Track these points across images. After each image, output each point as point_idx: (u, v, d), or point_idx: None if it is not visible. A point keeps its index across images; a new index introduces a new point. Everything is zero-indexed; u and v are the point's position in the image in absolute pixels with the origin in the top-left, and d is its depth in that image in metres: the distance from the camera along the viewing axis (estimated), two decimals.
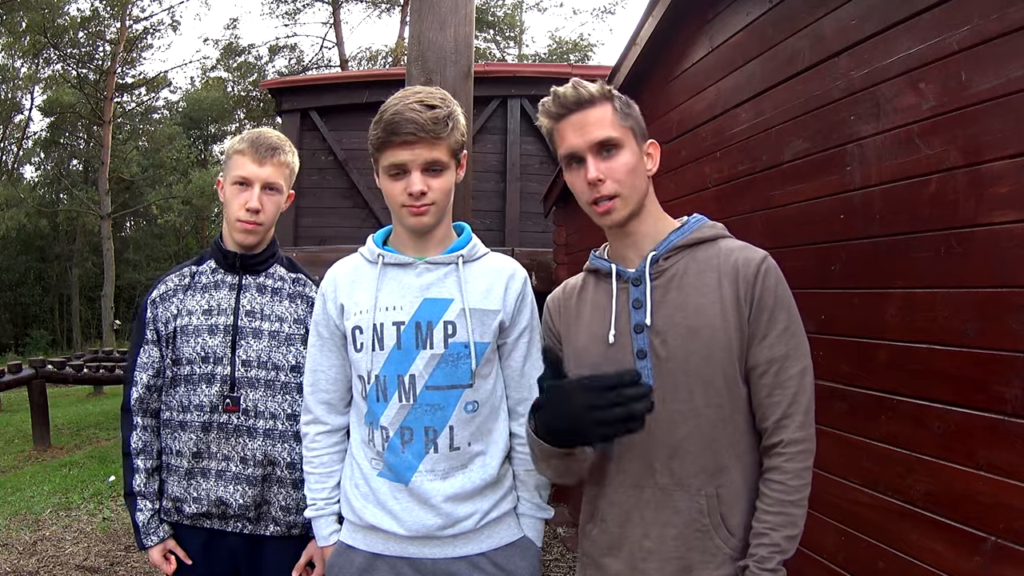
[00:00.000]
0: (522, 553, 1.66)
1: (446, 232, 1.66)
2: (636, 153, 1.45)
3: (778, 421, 1.37)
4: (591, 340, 1.51)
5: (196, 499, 1.87)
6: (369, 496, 1.62)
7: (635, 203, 1.45)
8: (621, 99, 1.47)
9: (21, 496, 6.01)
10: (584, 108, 1.43)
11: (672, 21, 3.32)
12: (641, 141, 1.48)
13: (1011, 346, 1.55)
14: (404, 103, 1.52)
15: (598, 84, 1.45)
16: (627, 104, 1.47)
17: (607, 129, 1.42)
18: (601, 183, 1.42)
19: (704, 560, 1.39)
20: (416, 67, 3.62)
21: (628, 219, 1.46)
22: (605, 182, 1.42)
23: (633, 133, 1.46)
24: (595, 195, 1.43)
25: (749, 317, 1.39)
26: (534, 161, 7.62)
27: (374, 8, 26.57)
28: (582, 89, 1.43)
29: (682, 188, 3.28)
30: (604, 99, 1.44)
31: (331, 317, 1.66)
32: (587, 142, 1.42)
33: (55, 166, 29.22)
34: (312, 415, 1.72)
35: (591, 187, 1.43)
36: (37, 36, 22.64)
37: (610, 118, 1.43)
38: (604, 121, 1.43)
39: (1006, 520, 1.55)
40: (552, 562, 4.41)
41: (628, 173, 1.43)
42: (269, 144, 1.89)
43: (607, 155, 1.43)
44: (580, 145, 1.43)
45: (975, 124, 1.66)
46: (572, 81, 1.45)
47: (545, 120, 1.49)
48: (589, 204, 1.47)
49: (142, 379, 1.92)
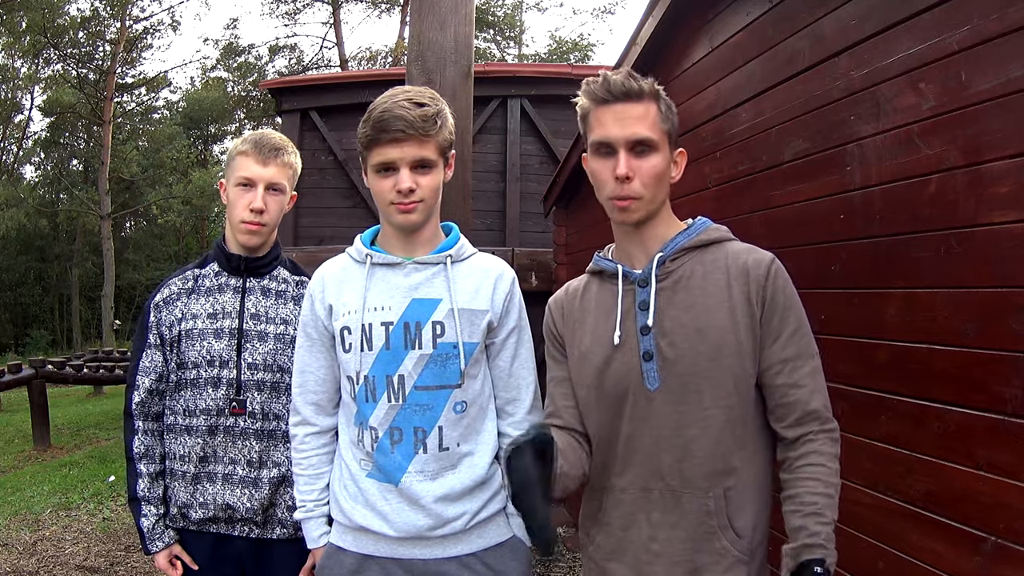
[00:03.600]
0: (512, 553, 1.65)
1: (434, 232, 1.66)
2: (667, 159, 1.44)
3: (806, 413, 1.37)
4: (596, 342, 1.49)
5: (203, 504, 1.86)
6: (358, 497, 1.61)
7: (653, 208, 1.44)
8: (667, 101, 1.45)
9: (21, 496, 6.01)
10: (631, 100, 1.40)
11: (672, 21, 3.32)
12: (674, 147, 1.47)
13: (1011, 346, 1.55)
14: (393, 101, 1.52)
15: (649, 81, 1.43)
16: (670, 108, 1.45)
17: (647, 129, 1.40)
18: (629, 181, 1.39)
19: (712, 562, 1.38)
20: (416, 67, 3.62)
21: (643, 222, 1.45)
22: (633, 181, 1.40)
23: (669, 138, 1.44)
24: (619, 192, 1.41)
25: (761, 319, 1.39)
26: (534, 161, 7.61)
27: (374, 8, 26.57)
28: (633, 82, 1.40)
29: (682, 188, 3.26)
30: (652, 98, 1.42)
31: (319, 317, 1.66)
32: (625, 136, 1.39)
33: (55, 166, 29.23)
34: (300, 416, 1.71)
35: (617, 182, 1.40)
36: (37, 36, 22.64)
37: (653, 118, 1.41)
38: (647, 120, 1.40)
39: (1006, 520, 1.55)
40: (552, 562, 4.41)
41: (655, 178, 1.41)
42: (272, 145, 1.89)
43: (640, 154, 1.40)
44: (617, 136, 1.40)
45: (975, 124, 1.66)
46: (625, 71, 1.42)
47: (586, 101, 1.45)
48: (609, 199, 1.44)
49: (144, 383, 1.91)
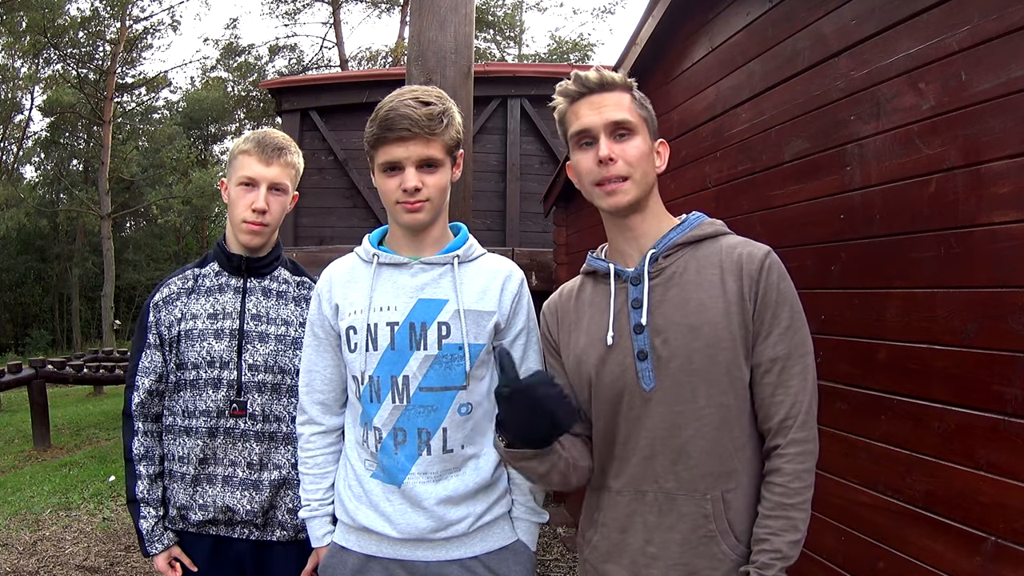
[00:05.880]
0: (515, 557, 1.64)
1: (442, 232, 1.65)
2: (648, 144, 1.45)
3: (780, 422, 1.34)
4: (590, 343, 1.47)
5: (202, 506, 1.85)
6: (362, 497, 1.61)
7: (643, 189, 1.43)
8: (640, 93, 1.48)
9: (21, 496, 6.00)
10: (605, 90, 1.43)
11: (672, 21, 3.32)
12: (653, 137, 1.48)
13: (1011, 346, 1.55)
14: (399, 100, 1.52)
15: (620, 73, 1.46)
16: (644, 99, 1.48)
17: (624, 112, 1.41)
18: (612, 162, 1.39)
19: (710, 567, 1.35)
20: (416, 67, 3.62)
21: (633, 206, 1.43)
22: (617, 162, 1.40)
23: (647, 124, 1.46)
24: (604, 174, 1.40)
25: (753, 314, 1.36)
26: (534, 161, 7.61)
27: (374, 8, 26.58)
28: (604, 73, 1.43)
29: (682, 188, 3.28)
30: (624, 88, 1.44)
31: (326, 317, 1.65)
32: (603, 120, 1.40)
33: (55, 166, 29.23)
34: (307, 415, 1.71)
35: (600, 165, 1.40)
36: (37, 36, 22.64)
37: (628, 104, 1.43)
38: (622, 105, 1.42)
39: (1006, 520, 1.54)
40: (552, 562, 4.41)
41: (640, 158, 1.41)
42: (275, 144, 1.88)
43: (620, 138, 1.42)
44: (595, 123, 1.41)
45: (975, 124, 1.66)
46: (594, 67, 1.45)
47: (561, 100, 1.47)
48: (594, 185, 1.43)
49: (144, 384, 1.90)
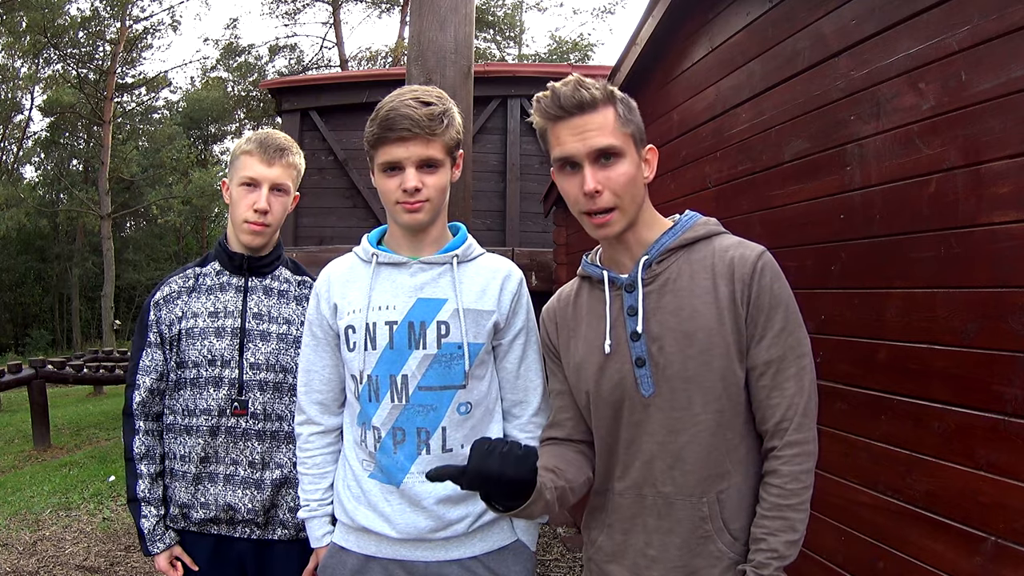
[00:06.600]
0: (515, 557, 1.64)
1: (441, 232, 1.65)
2: (635, 162, 1.37)
3: (777, 424, 1.34)
4: (589, 352, 1.47)
5: (204, 505, 1.85)
6: (361, 497, 1.61)
7: (632, 214, 1.39)
8: (624, 101, 1.38)
9: (21, 496, 6.00)
10: (585, 112, 1.33)
11: (672, 21, 3.32)
12: (641, 147, 1.40)
13: (1011, 346, 1.55)
14: (400, 100, 1.51)
15: (601, 84, 1.35)
16: (629, 107, 1.38)
17: (608, 137, 1.33)
18: (599, 195, 1.33)
19: (708, 566, 1.37)
20: (416, 67, 3.62)
21: (624, 231, 1.40)
22: (603, 194, 1.33)
23: (634, 140, 1.38)
24: (591, 207, 1.35)
25: (746, 318, 1.34)
26: (534, 161, 7.62)
27: (374, 8, 26.60)
28: (584, 91, 1.32)
29: (682, 188, 3.28)
30: (607, 102, 1.35)
31: (324, 316, 1.65)
32: (586, 149, 1.33)
33: (55, 166, 29.27)
34: (305, 415, 1.71)
35: (587, 198, 1.35)
36: (37, 36, 22.65)
37: (611, 124, 1.34)
38: (606, 128, 1.33)
39: (1006, 520, 1.54)
40: (552, 562, 4.41)
41: (627, 184, 1.35)
42: (277, 145, 1.88)
43: (606, 163, 1.34)
44: (578, 151, 1.34)
45: (975, 124, 1.66)
46: (573, 79, 1.34)
47: (539, 119, 1.39)
48: (583, 214, 1.38)
49: (145, 383, 1.90)
